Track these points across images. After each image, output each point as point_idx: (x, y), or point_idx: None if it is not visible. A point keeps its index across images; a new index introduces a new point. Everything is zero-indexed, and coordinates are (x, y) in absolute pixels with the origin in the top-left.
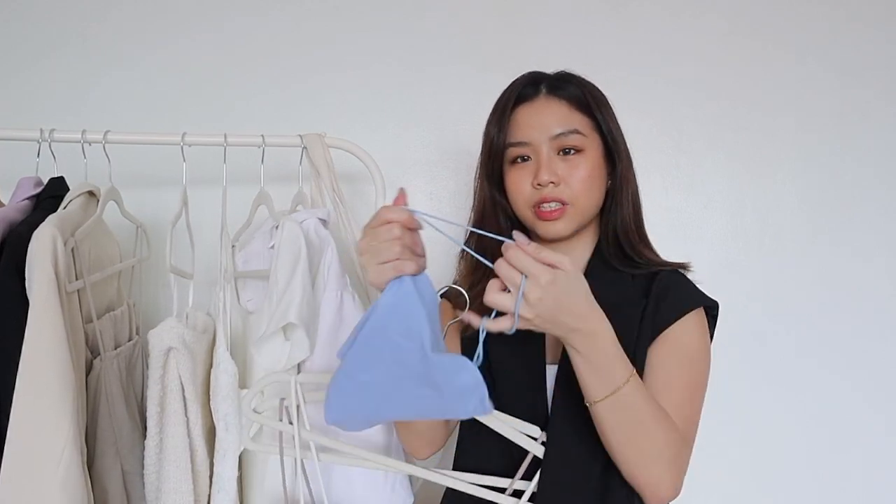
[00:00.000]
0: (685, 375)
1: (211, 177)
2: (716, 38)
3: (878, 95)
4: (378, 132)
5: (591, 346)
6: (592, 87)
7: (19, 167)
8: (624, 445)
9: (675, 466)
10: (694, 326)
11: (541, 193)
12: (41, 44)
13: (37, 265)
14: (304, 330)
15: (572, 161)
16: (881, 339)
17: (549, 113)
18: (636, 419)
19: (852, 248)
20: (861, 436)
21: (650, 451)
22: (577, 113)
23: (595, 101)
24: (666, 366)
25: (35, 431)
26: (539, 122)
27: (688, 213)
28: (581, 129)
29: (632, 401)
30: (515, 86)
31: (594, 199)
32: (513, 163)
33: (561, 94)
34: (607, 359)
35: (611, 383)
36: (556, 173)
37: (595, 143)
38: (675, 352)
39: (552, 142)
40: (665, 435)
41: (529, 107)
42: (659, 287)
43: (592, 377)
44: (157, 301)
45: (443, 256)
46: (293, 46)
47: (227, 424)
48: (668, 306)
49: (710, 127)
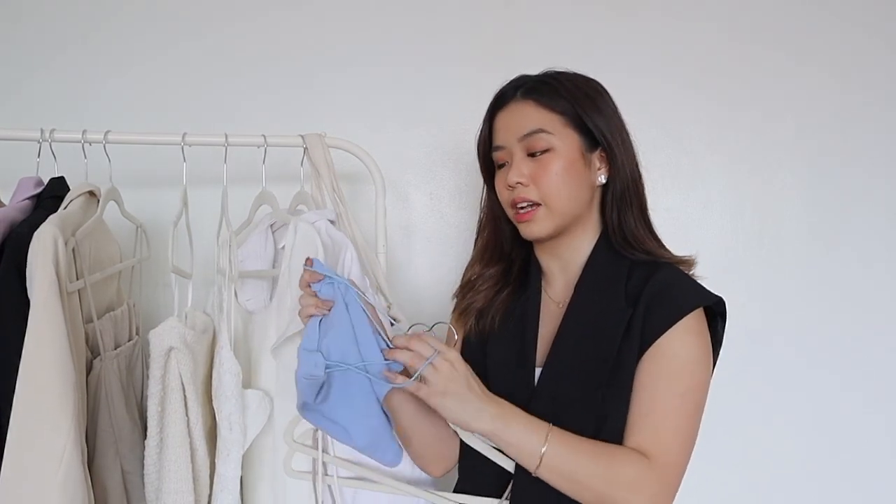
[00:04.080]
0: (676, 392)
1: (211, 177)
2: (716, 39)
3: (878, 97)
4: (378, 132)
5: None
6: (575, 82)
7: (20, 167)
8: (576, 492)
9: (650, 496)
10: (686, 333)
11: (513, 195)
12: (42, 44)
13: (37, 265)
14: None
15: (541, 161)
16: (881, 339)
17: (517, 115)
18: (573, 470)
19: (852, 248)
20: (860, 436)
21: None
22: (545, 111)
23: (572, 95)
24: (658, 385)
25: (35, 431)
26: (510, 125)
27: (688, 213)
28: (547, 127)
29: (560, 456)
30: (500, 90)
31: (572, 195)
32: (499, 167)
33: (532, 95)
34: (517, 435)
35: (533, 452)
36: (523, 174)
37: (569, 139)
38: (665, 368)
39: (520, 143)
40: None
41: (504, 111)
42: (653, 289)
43: (514, 452)
44: (157, 301)
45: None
46: (293, 46)
47: (230, 424)
48: (660, 313)
49: (710, 127)
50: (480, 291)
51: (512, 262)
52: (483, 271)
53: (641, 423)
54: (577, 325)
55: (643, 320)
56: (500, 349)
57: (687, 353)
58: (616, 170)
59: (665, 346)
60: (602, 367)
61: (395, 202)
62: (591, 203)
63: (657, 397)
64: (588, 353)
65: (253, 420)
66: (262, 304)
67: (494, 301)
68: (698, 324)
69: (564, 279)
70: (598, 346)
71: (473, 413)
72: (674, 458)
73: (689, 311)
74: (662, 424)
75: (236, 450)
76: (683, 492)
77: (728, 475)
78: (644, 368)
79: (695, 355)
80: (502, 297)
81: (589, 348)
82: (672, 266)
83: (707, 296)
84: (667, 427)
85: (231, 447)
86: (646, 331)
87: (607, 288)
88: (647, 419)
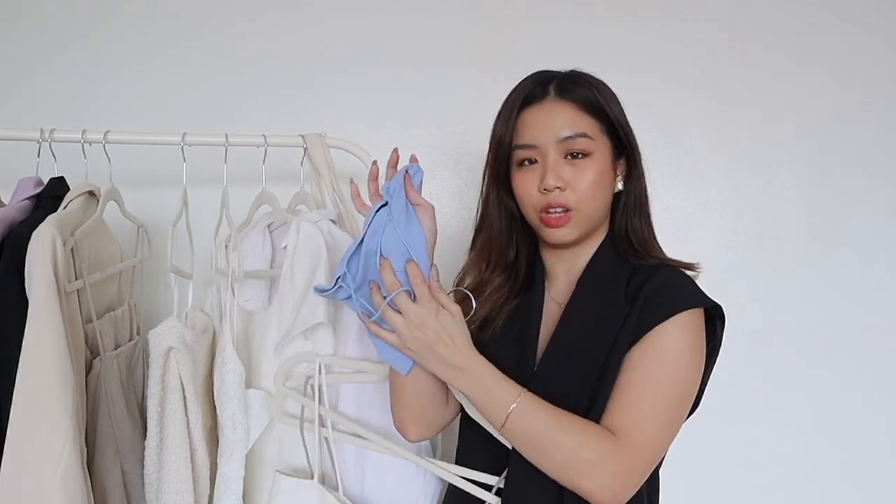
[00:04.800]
0: (657, 377)
1: (211, 177)
2: (716, 39)
3: (878, 97)
4: (378, 132)
5: (471, 386)
6: (603, 88)
7: (19, 167)
8: (538, 460)
9: (612, 472)
10: (679, 330)
11: (547, 198)
12: (42, 44)
13: (36, 265)
14: (332, 329)
15: (579, 165)
16: (881, 339)
17: (557, 115)
18: (538, 434)
19: (851, 248)
20: (860, 436)
21: (565, 461)
22: (586, 116)
23: (606, 102)
24: (638, 366)
25: (35, 431)
26: (547, 125)
27: (688, 213)
28: (589, 132)
29: (527, 417)
30: (524, 85)
31: (600, 203)
32: (520, 165)
33: (569, 96)
34: (489, 392)
35: (501, 409)
36: (562, 178)
37: (603, 146)
38: (650, 354)
39: (559, 145)
40: (577, 442)
41: (538, 108)
42: (652, 287)
43: (484, 408)
44: (158, 301)
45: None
46: (293, 46)
47: (234, 424)
48: (653, 309)
49: (710, 127)
50: (489, 300)
51: (518, 268)
52: (490, 278)
53: (616, 402)
54: (575, 324)
55: (638, 315)
56: (500, 350)
57: (676, 346)
58: (635, 178)
59: (654, 336)
60: (596, 363)
61: None
62: (609, 208)
63: (636, 379)
64: (585, 350)
65: (255, 420)
66: (261, 304)
67: (503, 309)
68: (693, 322)
69: (567, 280)
70: (595, 344)
71: (443, 369)
72: (643, 438)
73: (684, 309)
74: (637, 405)
75: (239, 450)
76: (683, 492)
77: (728, 475)
78: (631, 355)
79: (684, 349)
80: (510, 305)
81: (586, 346)
82: (673, 268)
83: (704, 298)
84: (640, 408)
85: (234, 447)
86: (639, 324)
87: (608, 290)
88: (622, 398)
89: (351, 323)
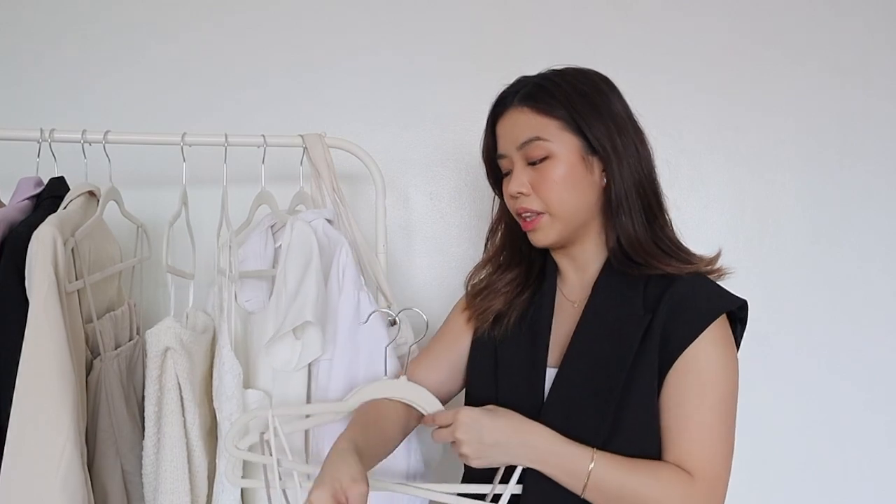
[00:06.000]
0: (707, 406)
1: (211, 177)
2: (716, 38)
3: (878, 96)
4: (378, 132)
5: (536, 455)
6: (573, 83)
7: (19, 167)
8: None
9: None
10: (712, 345)
11: (516, 205)
12: (42, 43)
13: (36, 265)
14: (320, 329)
15: (541, 168)
16: (881, 339)
17: (515, 123)
18: (621, 489)
19: (852, 248)
20: (860, 436)
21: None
22: (540, 117)
23: (568, 98)
24: (686, 395)
25: (35, 431)
26: (509, 134)
27: (688, 213)
28: (543, 134)
29: (609, 478)
30: (498, 95)
31: (576, 202)
32: (505, 175)
33: (527, 101)
34: (560, 457)
35: (579, 474)
36: (524, 183)
37: (568, 143)
38: (694, 382)
39: (519, 152)
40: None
41: (504, 118)
42: (674, 298)
43: (561, 477)
44: (158, 301)
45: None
46: (293, 46)
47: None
48: (683, 325)
49: (710, 127)
50: (501, 294)
51: (532, 263)
52: (503, 274)
53: (678, 439)
54: (594, 330)
55: (664, 328)
56: (512, 349)
57: (714, 366)
58: (612, 175)
59: (691, 359)
60: (617, 373)
61: (396, 202)
62: (598, 206)
63: (690, 413)
64: (604, 358)
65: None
66: (262, 305)
67: (514, 303)
68: (723, 331)
69: (580, 279)
70: (615, 352)
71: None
72: (716, 471)
73: (713, 320)
74: (699, 439)
75: None
76: None
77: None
78: (672, 383)
79: (722, 365)
80: (522, 299)
81: (605, 353)
82: (693, 275)
83: (731, 299)
84: (703, 441)
85: None
86: (670, 341)
87: (625, 292)
88: (683, 435)
89: (340, 322)
